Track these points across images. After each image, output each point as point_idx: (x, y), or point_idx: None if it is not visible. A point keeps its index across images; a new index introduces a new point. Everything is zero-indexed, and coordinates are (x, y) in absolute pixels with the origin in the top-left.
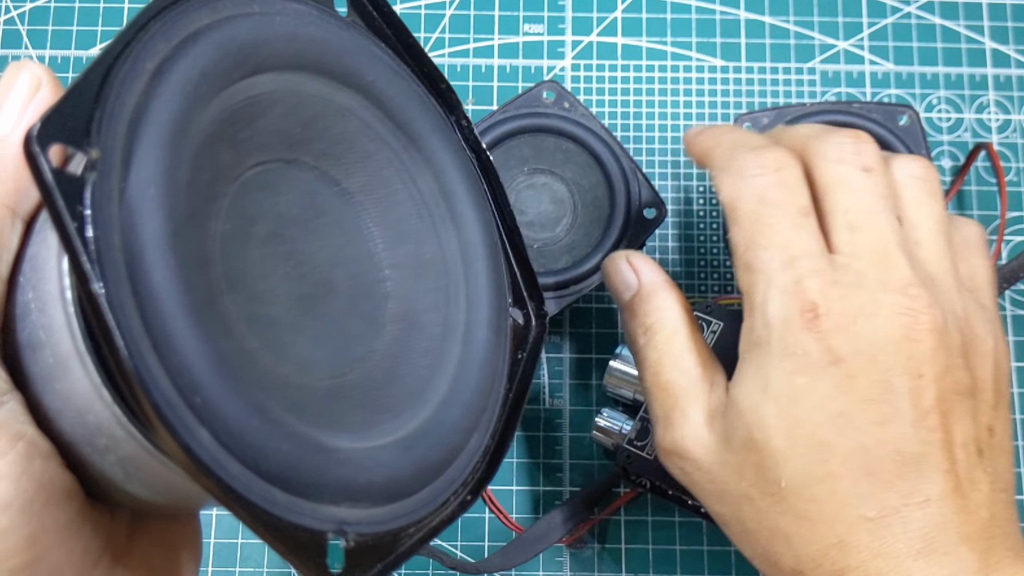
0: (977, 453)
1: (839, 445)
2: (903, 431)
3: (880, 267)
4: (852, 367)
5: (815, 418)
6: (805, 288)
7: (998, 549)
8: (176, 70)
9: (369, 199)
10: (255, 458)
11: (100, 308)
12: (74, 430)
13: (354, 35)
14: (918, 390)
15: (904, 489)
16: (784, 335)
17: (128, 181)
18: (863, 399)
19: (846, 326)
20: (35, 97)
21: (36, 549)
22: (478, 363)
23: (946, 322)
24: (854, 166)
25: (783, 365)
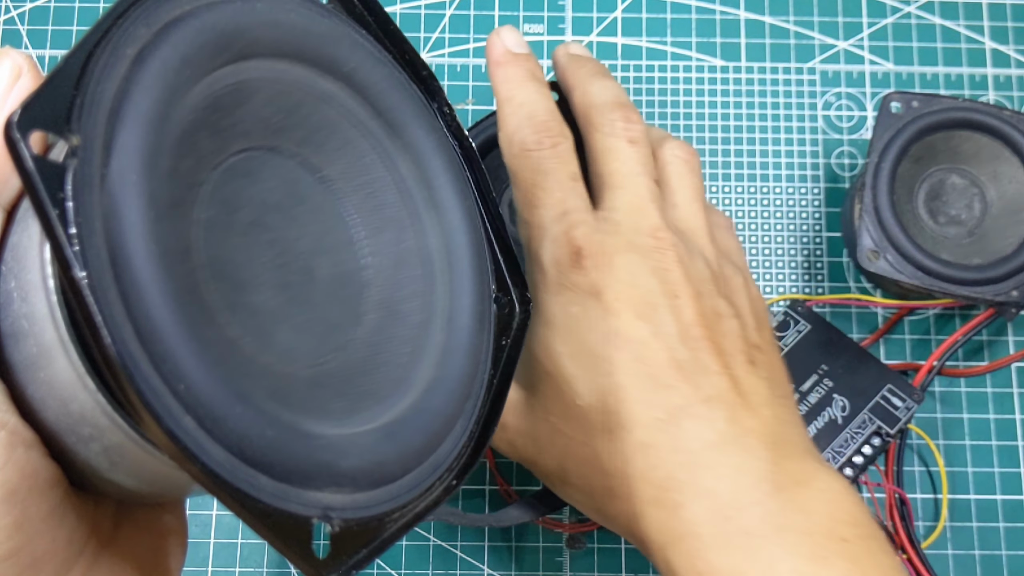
0: (750, 363)
1: (617, 358)
2: (671, 342)
3: (634, 216)
4: (615, 294)
5: (592, 338)
6: (572, 236)
7: (785, 445)
8: (157, 56)
9: (350, 186)
10: (239, 444)
11: (83, 295)
12: (58, 419)
13: (335, 22)
14: (677, 308)
15: (686, 390)
16: (557, 275)
17: (109, 168)
18: (630, 318)
19: (606, 262)
20: (16, 85)
21: (19, 538)
22: (461, 350)
23: (692, 259)
24: (622, 138)
25: (558, 300)
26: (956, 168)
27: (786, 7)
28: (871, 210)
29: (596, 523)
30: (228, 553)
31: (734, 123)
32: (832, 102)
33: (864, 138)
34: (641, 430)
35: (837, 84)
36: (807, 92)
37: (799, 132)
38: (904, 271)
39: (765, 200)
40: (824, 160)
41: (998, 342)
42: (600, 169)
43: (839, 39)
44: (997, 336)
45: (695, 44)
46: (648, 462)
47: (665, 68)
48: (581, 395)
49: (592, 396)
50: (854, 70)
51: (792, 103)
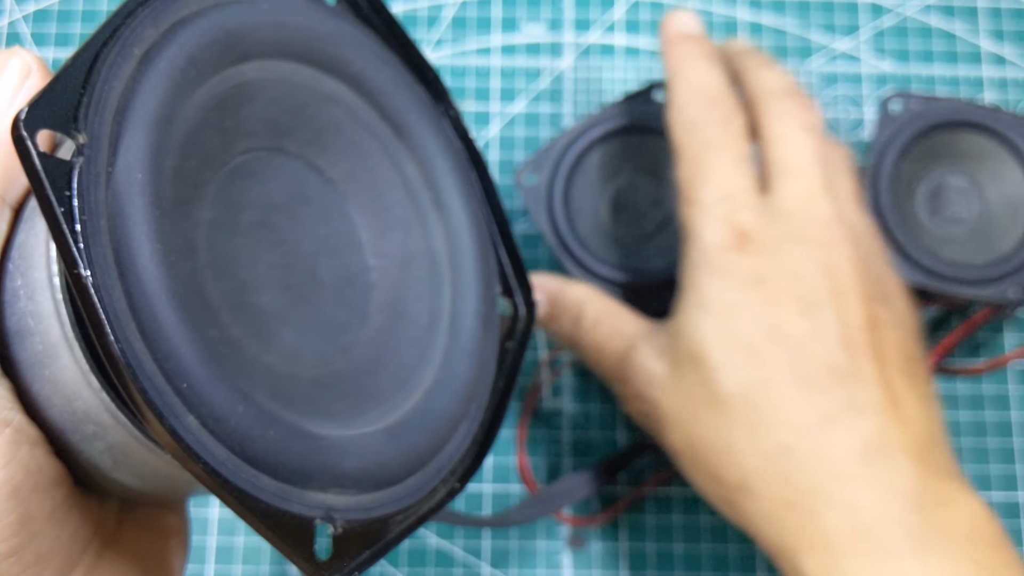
0: (907, 374)
1: (772, 353)
2: (832, 345)
3: (806, 206)
4: (777, 285)
5: (748, 329)
6: (737, 218)
7: (932, 462)
8: (164, 56)
9: (354, 188)
10: (241, 444)
11: (87, 293)
12: (62, 417)
13: (341, 23)
14: (842, 309)
15: (840, 396)
16: (717, 257)
17: (115, 166)
18: (791, 313)
19: (771, 250)
20: (24, 84)
21: (23, 536)
22: (465, 352)
23: (862, 259)
24: (797, 126)
25: (716, 283)
26: (956, 168)
27: (785, 8)
28: (871, 210)
29: (596, 520)
30: (228, 553)
31: None
32: (831, 103)
33: (863, 138)
34: (786, 431)
35: (835, 85)
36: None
37: None
38: (904, 271)
39: None
40: None
41: (995, 341)
42: (772, 155)
43: (837, 40)
44: (994, 335)
45: None
46: (789, 465)
47: None
48: (726, 384)
49: (738, 387)
50: (852, 71)
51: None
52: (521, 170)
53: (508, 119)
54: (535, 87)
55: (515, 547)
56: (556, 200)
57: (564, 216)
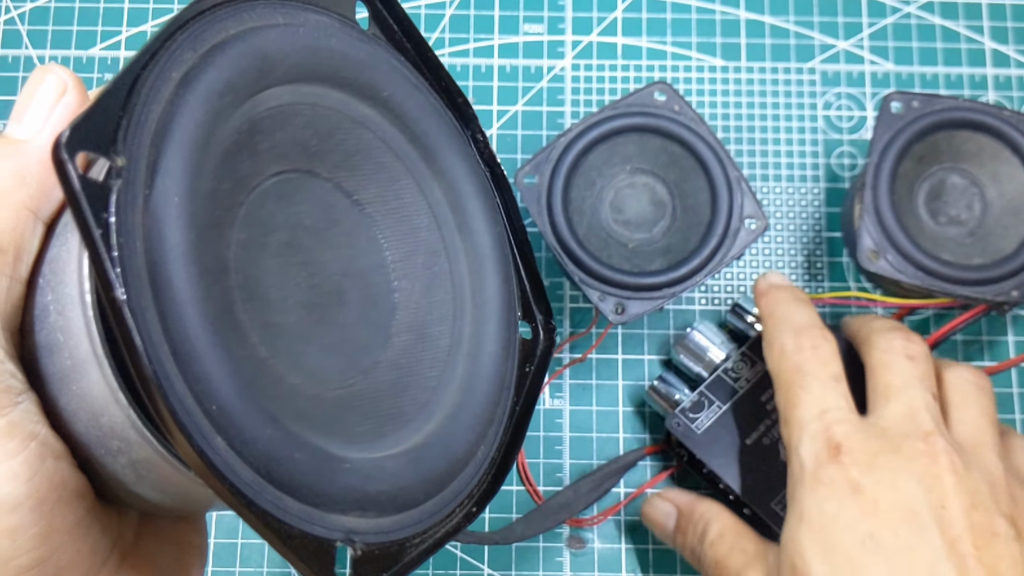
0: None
1: (871, 565)
2: (935, 556)
3: (904, 422)
4: (874, 494)
5: (846, 540)
6: (832, 432)
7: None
8: (202, 80)
9: (381, 211)
10: (267, 466)
11: (122, 314)
12: (88, 431)
13: (374, 48)
14: (943, 519)
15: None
16: (814, 470)
17: (153, 189)
18: (889, 523)
19: (867, 461)
20: (60, 101)
21: (45, 548)
22: (485, 376)
23: (968, 470)
24: (899, 354)
25: (814, 495)
26: (957, 168)
27: (786, 7)
28: (871, 210)
29: (595, 520)
30: (228, 553)
31: (734, 123)
32: (832, 102)
33: (864, 138)
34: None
35: (837, 84)
36: (807, 92)
37: (799, 132)
38: (904, 271)
39: (765, 200)
40: (824, 160)
41: (998, 343)
42: (874, 383)
43: (839, 39)
44: (997, 336)
45: (695, 44)
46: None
47: (665, 68)
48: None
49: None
50: (854, 70)
51: (792, 103)
52: (521, 170)
53: (508, 119)
54: (535, 87)
55: (515, 547)
56: (556, 200)
57: (563, 216)
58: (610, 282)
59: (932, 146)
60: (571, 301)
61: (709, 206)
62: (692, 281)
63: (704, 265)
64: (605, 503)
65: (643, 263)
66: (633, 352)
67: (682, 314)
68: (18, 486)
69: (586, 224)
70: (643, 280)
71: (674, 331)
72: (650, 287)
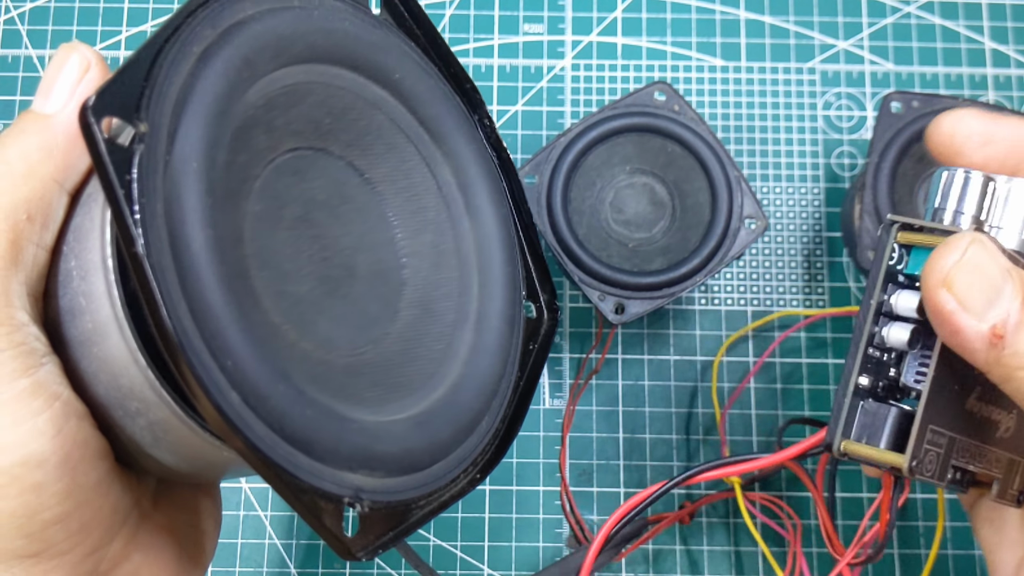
0: None
1: None
2: None
3: None
4: None
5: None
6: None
7: None
8: (221, 56)
9: (391, 189)
10: (280, 422)
11: (144, 270)
12: (108, 393)
13: (386, 33)
14: None
15: None
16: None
17: (172, 155)
18: None
19: None
20: (85, 77)
21: (68, 504)
22: (490, 351)
23: None
24: None
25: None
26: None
27: (786, 7)
28: (871, 210)
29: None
30: (228, 553)
31: (734, 123)
32: (832, 102)
33: (864, 138)
34: None
35: (837, 84)
36: (807, 92)
37: (799, 132)
38: None
39: (765, 200)
40: (824, 160)
41: None
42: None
43: (839, 39)
44: None
45: (695, 44)
46: None
47: (665, 68)
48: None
49: None
50: (854, 70)
51: (792, 103)
52: (521, 170)
53: (508, 119)
54: (535, 87)
55: (515, 547)
56: (555, 200)
57: (563, 216)
58: (610, 282)
59: None
60: (571, 301)
61: (709, 206)
62: (692, 281)
63: (704, 265)
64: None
65: (643, 263)
66: (633, 352)
67: (682, 314)
68: (44, 443)
69: (586, 224)
70: (643, 280)
71: (673, 330)
72: (650, 287)
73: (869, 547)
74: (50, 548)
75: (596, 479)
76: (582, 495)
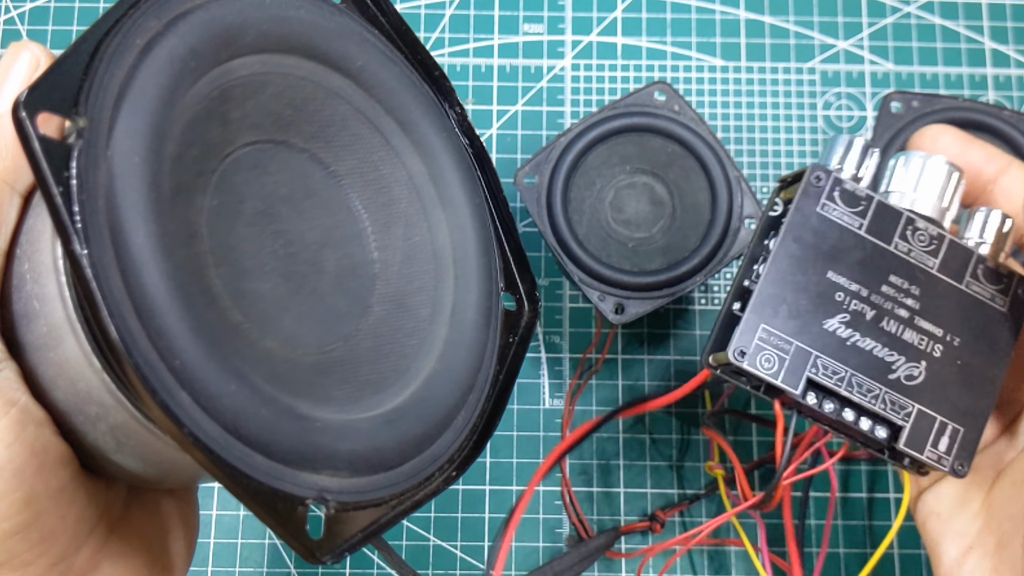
0: None
1: None
2: None
3: None
4: None
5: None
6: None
7: None
8: (164, 46)
9: (359, 182)
10: (235, 422)
11: (82, 268)
12: (67, 398)
13: (345, 20)
14: None
15: None
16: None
17: (111, 148)
18: None
19: None
20: (33, 76)
21: (28, 513)
22: (466, 344)
23: None
24: None
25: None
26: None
27: (786, 7)
28: None
29: None
30: (228, 553)
31: (734, 123)
32: (832, 102)
33: (864, 138)
34: None
35: (837, 84)
36: (807, 92)
37: (799, 132)
38: None
39: (765, 200)
40: None
41: None
42: None
43: (839, 39)
44: None
45: (695, 44)
46: None
47: (665, 68)
48: None
49: None
50: (854, 70)
51: (792, 103)
52: (520, 170)
53: (508, 119)
54: (535, 87)
55: (515, 547)
56: (555, 200)
57: (563, 216)
58: (610, 282)
59: None
60: (571, 301)
61: (709, 206)
62: (692, 281)
63: (704, 265)
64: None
65: (643, 263)
66: (633, 352)
67: (682, 314)
68: (0, 451)
69: (586, 224)
70: (643, 280)
71: (673, 330)
72: (650, 287)
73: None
74: (12, 559)
75: (596, 479)
76: (582, 495)
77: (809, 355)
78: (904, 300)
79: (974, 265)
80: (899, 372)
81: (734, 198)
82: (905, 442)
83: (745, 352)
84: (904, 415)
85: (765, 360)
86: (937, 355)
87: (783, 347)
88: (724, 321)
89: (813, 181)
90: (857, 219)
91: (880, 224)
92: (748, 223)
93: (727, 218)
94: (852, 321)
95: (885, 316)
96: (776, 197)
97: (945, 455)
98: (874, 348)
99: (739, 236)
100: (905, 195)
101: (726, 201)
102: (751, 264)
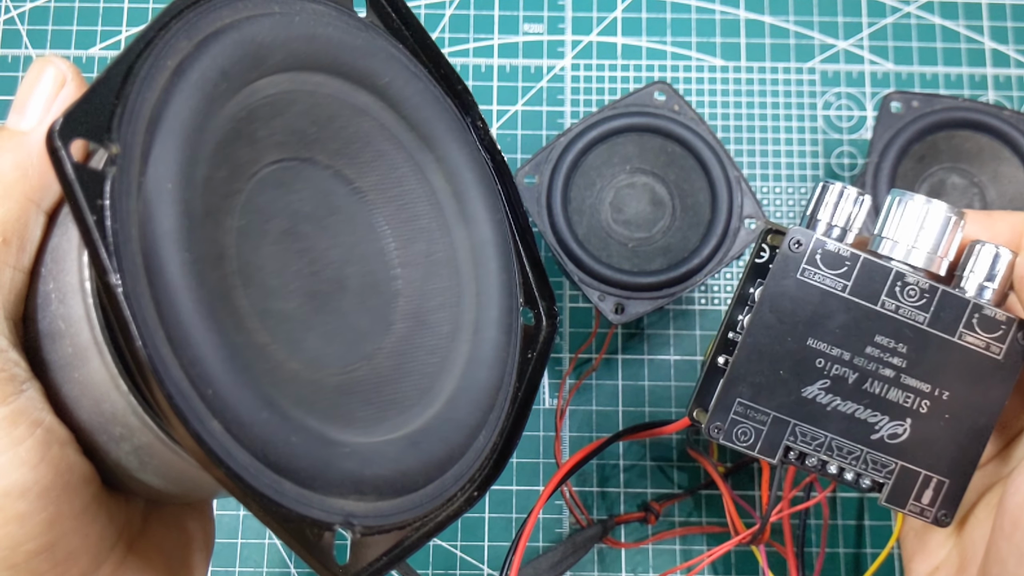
0: None
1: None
2: None
3: None
4: None
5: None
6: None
7: None
8: (196, 68)
9: (382, 198)
10: (264, 449)
11: (117, 299)
12: (91, 418)
13: (372, 36)
14: None
15: None
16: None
17: (146, 176)
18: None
19: None
20: (60, 93)
21: (53, 533)
22: (487, 362)
23: None
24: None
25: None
26: (956, 168)
27: (786, 7)
28: (871, 210)
29: None
30: (228, 553)
31: (734, 123)
32: (832, 102)
33: (864, 138)
34: None
35: (837, 84)
36: (807, 92)
37: (799, 132)
38: None
39: (765, 200)
40: (824, 160)
41: None
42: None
43: (839, 39)
44: None
45: (695, 44)
46: None
47: (665, 68)
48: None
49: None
50: (854, 70)
51: (792, 103)
52: (520, 170)
53: (508, 119)
54: (535, 87)
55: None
56: (555, 200)
57: (563, 216)
58: (610, 282)
59: (932, 146)
60: (571, 301)
61: (709, 206)
62: (692, 281)
63: (704, 265)
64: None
65: (643, 263)
66: (632, 352)
67: (682, 314)
68: (25, 472)
69: (586, 224)
70: (643, 280)
71: (673, 330)
72: (650, 287)
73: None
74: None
75: (596, 479)
76: (582, 495)
77: (787, 424)
78: (890, 359)
79: (969, 314)
80: (882, 432)
81: (734, 198)
82: (887, 499)
83: (720, 428)
84: (886, 473)
85: (741, 434)
86: (923, 411)
87: (760, 419)
88: (708, 374)
89: (792, 248)
90: (840, 281)
91: (866, 284)
92: (748, 223)
93: (727, 218)
94: (833, 386)
95: (869, 377)
96: (763, 243)
97: (928, 507)
98: (856, 411)
99: (739, 236)
100: (899, 245)
101: (726, 201)
102: (737, 307)
